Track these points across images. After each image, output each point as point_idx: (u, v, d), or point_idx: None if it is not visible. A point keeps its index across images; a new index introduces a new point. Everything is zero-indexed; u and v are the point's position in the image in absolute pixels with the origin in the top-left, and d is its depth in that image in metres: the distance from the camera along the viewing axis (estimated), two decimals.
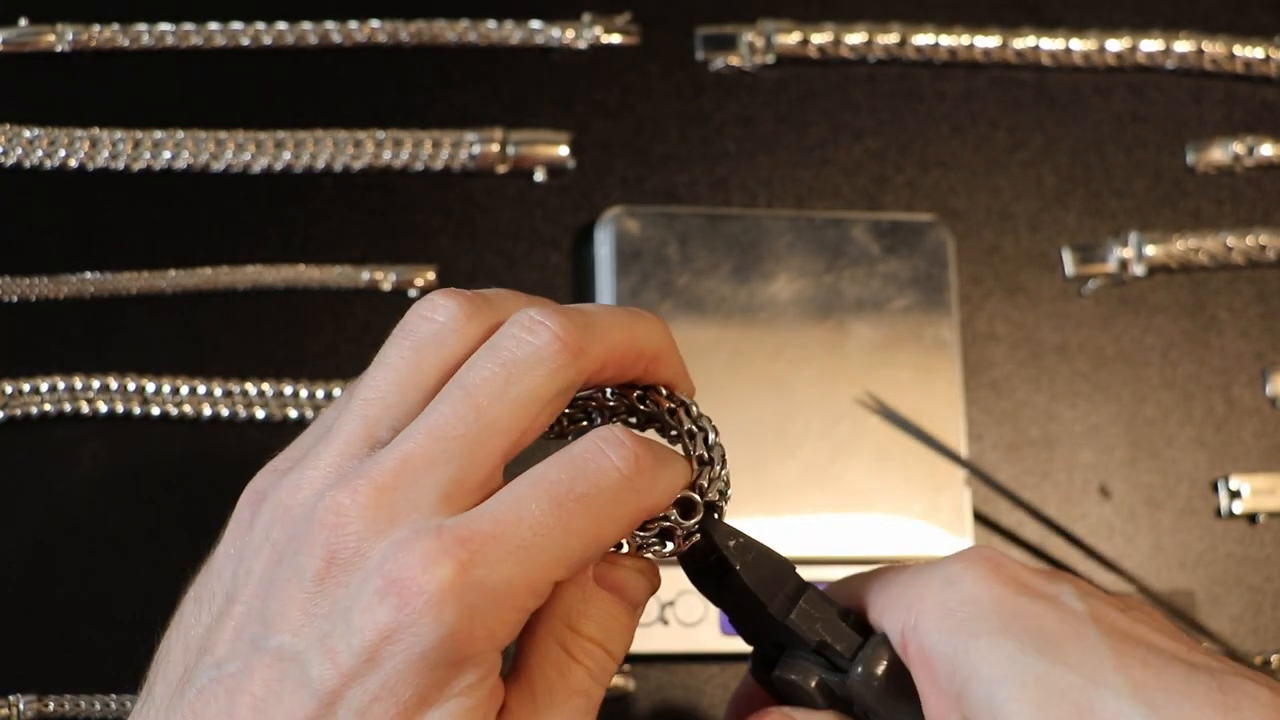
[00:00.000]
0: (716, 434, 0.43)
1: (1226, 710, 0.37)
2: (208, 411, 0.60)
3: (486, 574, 0.36)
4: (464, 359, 0.39)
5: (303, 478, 0.38)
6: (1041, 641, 0.39)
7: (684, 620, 0.59)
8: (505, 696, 0.39)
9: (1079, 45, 0.68)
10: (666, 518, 0.41)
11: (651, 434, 0.43)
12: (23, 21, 0.63)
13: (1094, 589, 0.42)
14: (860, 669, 0.42)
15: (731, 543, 0.42)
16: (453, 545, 0.36)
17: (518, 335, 0.39)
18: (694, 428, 0.43)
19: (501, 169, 0.64)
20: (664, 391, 0.43)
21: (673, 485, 0.41)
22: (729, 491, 0.43)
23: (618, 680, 0.59)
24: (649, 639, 0.59)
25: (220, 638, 0.38)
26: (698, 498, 0.42)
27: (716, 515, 0.42)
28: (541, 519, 0.37)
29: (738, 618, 0.44)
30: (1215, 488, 0.64)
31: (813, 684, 0.42)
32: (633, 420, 0.44)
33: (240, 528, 0.40)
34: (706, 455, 0.42)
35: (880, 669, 0.42)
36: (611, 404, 0.43)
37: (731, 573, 0.42)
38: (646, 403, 0.43)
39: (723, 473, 0.43)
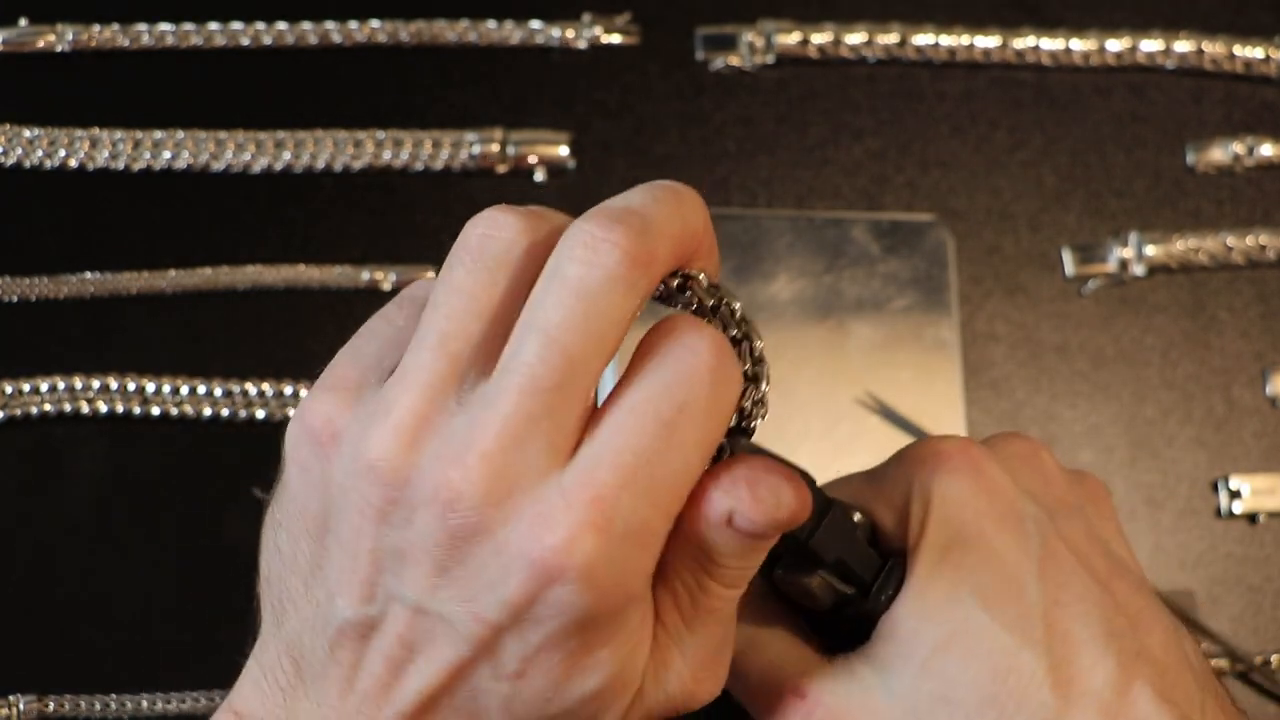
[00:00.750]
0: (762, 341, 0.38)
1: (1109, 715, 0.40)
2: (208, 411, 0.60)
3: (625, 526, 0.35)
4: (533, 278, 0.37)
5: (387, 427, 0.36)
6: (989, 592, 0.41)
7: None
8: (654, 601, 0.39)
9: (1079, 45, 0.68)
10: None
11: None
12: (23, 21, 0.63)
13: (1055, 497, 0.44)
14: (884, 596, 0.42)
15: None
16: (586, 510, 0.35)
17: (585, 258, 0.35)
18: (738, 333, 0.38)
19: (501, 169, 0.64)
20: (705, 282, 0.38)
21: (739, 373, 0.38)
22: (767, 413, 0.39)
23: None
24: None
25: (345, 581, 0.37)
26: (723, 440, 0.38)
27: (747, 437, 0.39)
28: (658, 448, 0.35)
29: None
30: (1215, 488, 0.64)
31: (815, 583, 0.42)
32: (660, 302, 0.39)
33: (309, 466, 0.38)
34: (751, 370, 0.38)
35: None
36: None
37: None
38: (687, 291, 0.38)
39: (766, 390, 0.38)
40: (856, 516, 0.43)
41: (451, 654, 0.37)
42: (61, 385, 0.60)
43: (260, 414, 0.60)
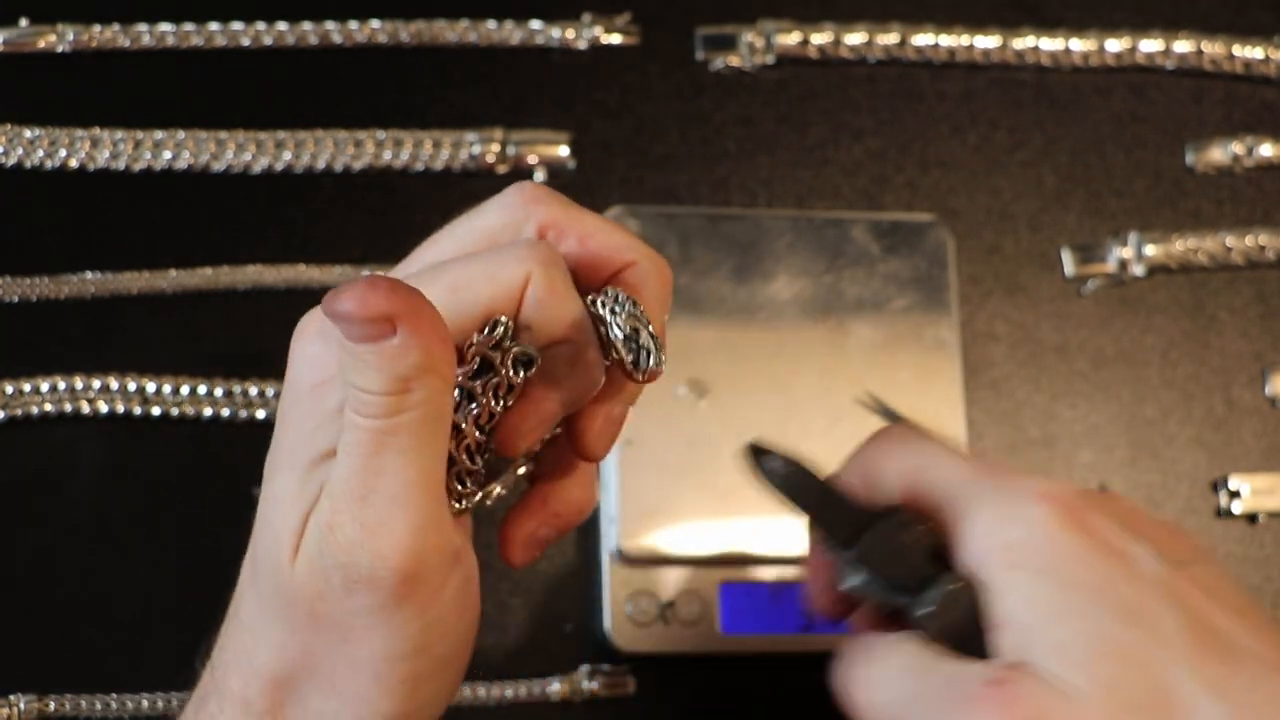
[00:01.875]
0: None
1: None
2: (208, 411, 0.60)
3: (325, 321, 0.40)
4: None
5: None
6: (1119, 607, 0.38)
7: (684, 620, 0.59)
8: None
9: (1079, 45, 0.68)
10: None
11: None
12: (23, 21, 0.63)
13: (1173, 543, 0.41)
14: (932, 610, 0.40)
15: (783, 469, 0.43)
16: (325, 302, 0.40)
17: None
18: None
19: (501, 169, 0.64)
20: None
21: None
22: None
23: (618, 680, 0.59)
24: (649, 639, 0.59)
25: None
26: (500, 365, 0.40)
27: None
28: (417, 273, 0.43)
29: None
30: (1215, 488, 0.64)
31: (860, 589, 0.42)
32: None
33: None
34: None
35: (953, 618, 0.40)
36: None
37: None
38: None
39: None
40: (918, 530, 0.42)
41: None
42: (61, 385, 0.60)
43: (260, 414, 0.60)
